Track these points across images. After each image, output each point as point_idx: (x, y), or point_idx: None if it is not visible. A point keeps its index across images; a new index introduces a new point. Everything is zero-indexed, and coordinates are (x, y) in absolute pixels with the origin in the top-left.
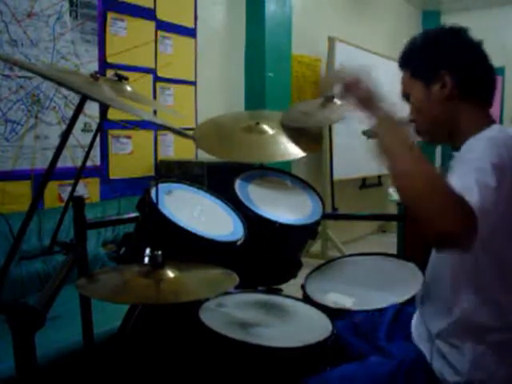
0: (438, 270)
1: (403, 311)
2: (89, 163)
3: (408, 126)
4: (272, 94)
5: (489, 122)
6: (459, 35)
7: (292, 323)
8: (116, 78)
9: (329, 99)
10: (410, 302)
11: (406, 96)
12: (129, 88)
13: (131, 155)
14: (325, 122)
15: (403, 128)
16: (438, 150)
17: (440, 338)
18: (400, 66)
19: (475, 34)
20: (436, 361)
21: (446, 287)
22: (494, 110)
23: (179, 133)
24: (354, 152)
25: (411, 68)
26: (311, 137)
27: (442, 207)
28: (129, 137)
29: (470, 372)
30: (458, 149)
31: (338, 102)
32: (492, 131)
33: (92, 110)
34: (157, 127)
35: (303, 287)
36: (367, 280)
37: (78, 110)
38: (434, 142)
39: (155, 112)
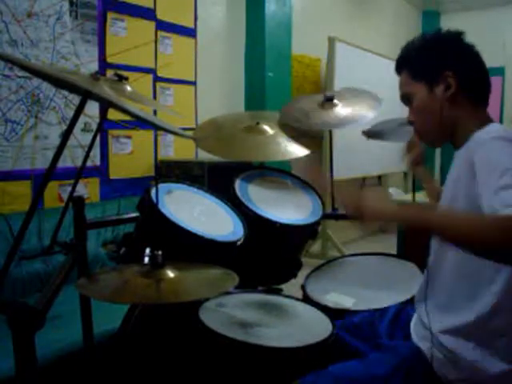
0: (448, 268)
1: (403, 311)
2: (89, 163)
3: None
4: (272, 94)
5: (488, 120)
6: (458, 38)
7: (292, 323)
8: (116, 78)
9: (329, 99)
10: (410, 301)
11: (407, 98)
12: (129, 88)
13: (131, 155)
14: (324, 126)
15: (418, 211)
16: (438, 149)
17: (443, 335)
18: (398, 68)
19: (475, 34)
20: (436, 358)
21: (454, 286)
22: (494, 111)
23: (177, 134)
24: (354, 152)
25: (412, 70)
26: (311, 137)
27: (492, 240)
28: (129, 137)
29: (471, 370)
30: (458, 148)
31: (337, 102)
32: (497, 129)
33: (92, 110)
34: (156, 129)
35: (303, 287)
36: (367, 280)
37: (79, 109)
38: (435, 142)
39: (155, 112)
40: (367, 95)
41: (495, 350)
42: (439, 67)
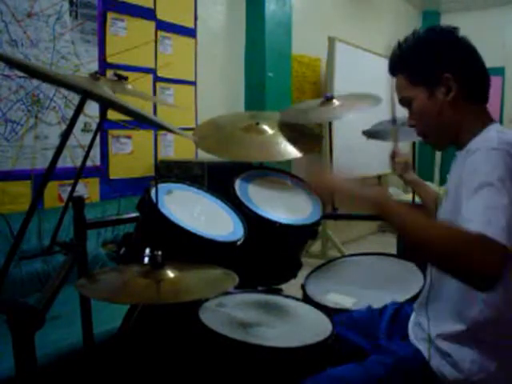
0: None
1: (402, 311)
2: (89, 163)
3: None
4: (272, 93)
5: (489, 119)
6: (454, 35)
7: (292, 323)
8: (116, 78)
9: (328, 99)
10: (410, 301)
11: (406, 102)
12: (129, 87)
13: (131, 155)
14: (322, 119)
15: (396, 203)
16: None
17: (441, 338)
18: (393, 71)
19: (475, 34)
20: (434, 359)
21: (457, 294)
22: (494, 111)
23: (178, 133)
24: (354, 152)
25: (409, 73)
26: (311, 137)
27: (468, 258)
28: (129, 137)
29: (470, 370)
30: (461, 148)
31: (336, 102)
32: (492, 137)
33: (92, 110)
34: (157, 128)
35: (303, 287)
36: (367, 280)
37: (79, 109)
38: (438, 145)
39: (155, 113)
40: (367, 95)
41: (494, 352)
42: (438, 70)
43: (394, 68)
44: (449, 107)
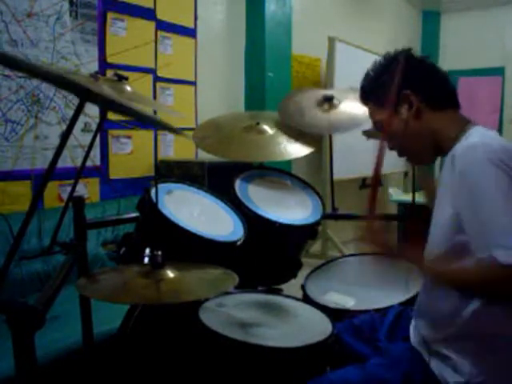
0: (433, 290)
1: (404, 313)
2: (89, 163)
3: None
4: (272, 94)
5: (465, 122)
6: (407, 54)
7: (292, 323)
8: (116, 78)
9: (328, 99)
10: (411, 302)
11: (380, 126)
12: (129, 88)
13: (131, 155)
14: (326, 131)
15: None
16: None
17: (440, 341)
18: (362, 101)
19: (475, 34)
20: (434, 362)
21: (444, 302)
22: (494, 111)
23: (178, 132)
24: (354, 152)
25: (373, 99)
26: (311, 137)
27: (493, 289)
28: (129, 137)
29: (470, 372)
30: (445, 154)
31: (337, 102)
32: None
33: (92, 110)
34: (156, 127)
35: (303, 287)
36: (367, 280)
37: (79, 109)
38: (423, 160)
39: (155, 112)
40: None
41: (494, 354)
42: (397, 89)
43: (362, 97)
44: (415, 120)
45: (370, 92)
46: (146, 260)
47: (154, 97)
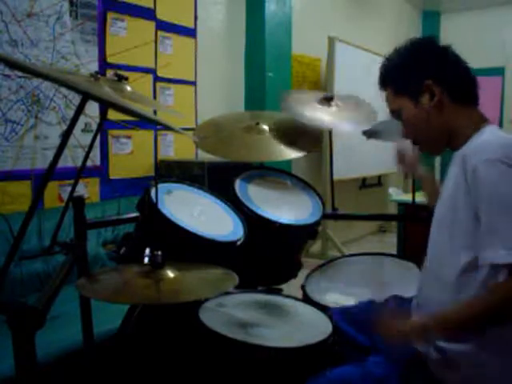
0: (431, 283)
1: (404, 306)
2: (89, 163)
3: None
4: (272, 94)
5: (483, 120)
6: (431, 43)
7: (292, 323)
8: (116, 78)
9: (328, 99)
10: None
11: (397, 114)
12: (129, 88)
13: (131, 155)
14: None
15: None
16: None
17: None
18: (382, 85)
19: (475, 33)
20: (433, 359)
21: (443, 295)
22: (494, 111)
23: (178, 131)
24: (354, 152)
25: (394, 86)
26: (311, 136)
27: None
28: (129, 137)
29: (469, 369)
30: (457, 149)
31: (337, 102)
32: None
33: (92, 110)
34: (156, 127)
35: (303, 287)
36: (367, 280)
37: (79, 109)
38: (433, 151)
39: (155, 112)
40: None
41: (492, 352)
42: (419, 78)
43: (381, 82)
44: (436, 112)
45: (389, 78)
46: (146, 260)
47: (154, 97)
